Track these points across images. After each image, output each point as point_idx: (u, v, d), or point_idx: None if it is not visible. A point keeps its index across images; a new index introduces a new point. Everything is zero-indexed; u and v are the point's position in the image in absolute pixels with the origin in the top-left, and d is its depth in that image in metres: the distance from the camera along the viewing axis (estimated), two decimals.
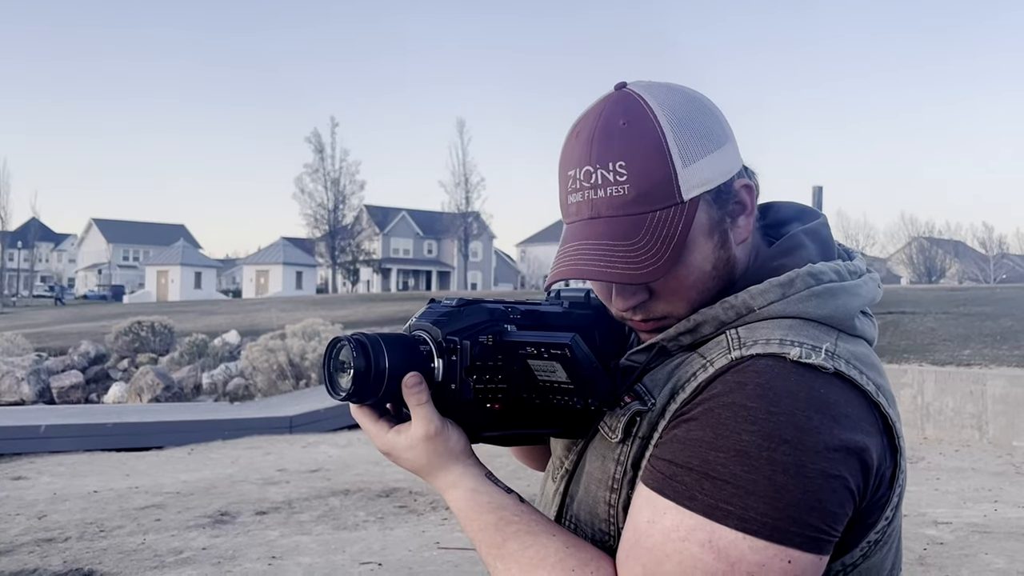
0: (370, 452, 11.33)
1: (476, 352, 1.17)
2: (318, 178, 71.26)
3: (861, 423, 1.06)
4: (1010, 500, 7.85)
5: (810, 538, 1.01)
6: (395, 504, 8.12)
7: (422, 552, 6.39)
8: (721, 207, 1.18)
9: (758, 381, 1.06)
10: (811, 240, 1.24)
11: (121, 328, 22.69)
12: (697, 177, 1.15)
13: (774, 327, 1.13)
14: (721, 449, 1.03)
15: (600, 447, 1.20)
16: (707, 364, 1.13)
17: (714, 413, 1.06)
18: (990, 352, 12.58)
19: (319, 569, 5.99)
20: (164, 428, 13.15)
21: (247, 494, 8.59)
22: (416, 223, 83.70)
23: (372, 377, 1.14)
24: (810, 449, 1.01)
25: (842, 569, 1.11)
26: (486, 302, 1.23)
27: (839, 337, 1.14)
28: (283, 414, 14.28)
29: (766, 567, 1.00)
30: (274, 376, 18.50)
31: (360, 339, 1.15)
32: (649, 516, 1.06)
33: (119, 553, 6.49)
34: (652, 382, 1.18)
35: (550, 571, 1.09)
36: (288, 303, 38.80)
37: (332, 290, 70.79)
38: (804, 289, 1.16)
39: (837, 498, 1.03)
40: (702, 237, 1.17)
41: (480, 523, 1.16)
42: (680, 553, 1.02)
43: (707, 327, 1.18)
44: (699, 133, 1.17)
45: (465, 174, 75.01)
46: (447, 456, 1.18)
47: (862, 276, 1.23)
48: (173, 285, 69.21)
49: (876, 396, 1.09)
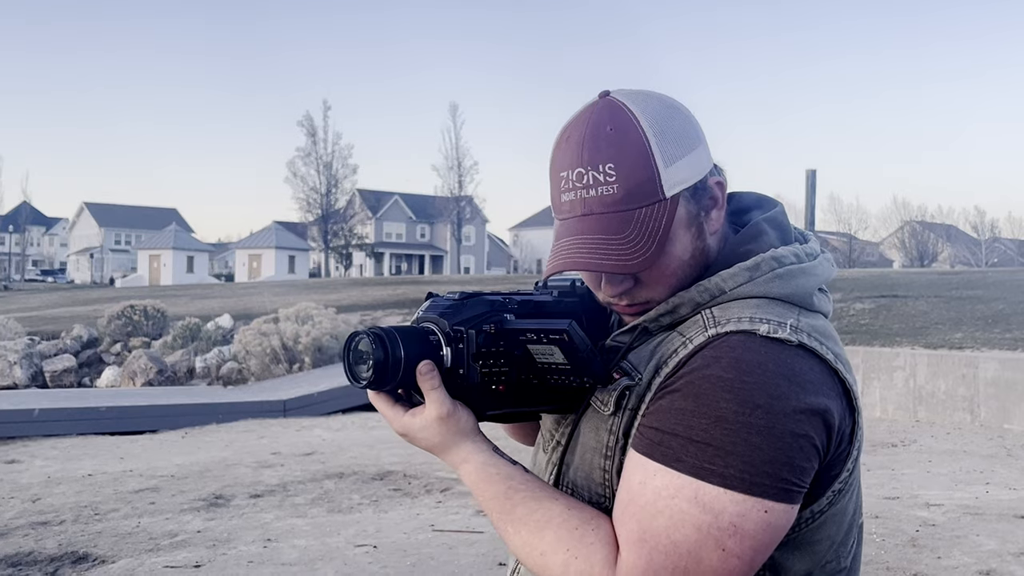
0: (364, 435, 11.35)
1: (481, 340, 1.30)
2: (310, 162, 71.08)
3: (823, 388, 1.21)
4: (1001, 482, 7.89)
5: (782, 490, 1.17)
6: (389, 487, 8.14)
7: (417, 535, 6.41)
8: (697, 202, 1.32)
9: (732, 355, 1.20)
10: (772, 227, 1.38)
11: (114, 312, 22.63)
12: (677, 176, 1.29)
13: (744, 306, 1.27)
14: (702, 416, 1.18)
15: (593, 419, 1.34)
16: (686, 341, 1.27)
17: (695, 384, 1.20)
18: (982, 335, 12.62)
19: (314, 552, 6.01)
20: (158, 412, 13.14)
21: (241, 477, 8.60)
22: (409, 207, 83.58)
23: (390, 366, 1.26)
24: (780, 412, 1.16)
25: (811, 516, 1.26)
26: (485, 294, 1.37)
27: (800, 313, 1.29)
28: (277, 398, 14.29)
29: (746, 516, 1.15)
30: (267, 360, 18.47)
31: (378, 332, 1.27)
32: (641, 478, 1.20)
33: (114, 536, 6.51)
34: (637, 359, 1.32)
35: (556, 530, 1.23)
36: (281, 287, 38.72)
37: (325, 274, 70.72)
38: (768, 272, 1.31)
39: (805, 454, 1.18)
40: (682, 230, 1.31)
41: (491, 492, 1.30)
42: (671, 508, 1.17)
43: (684, 308, 1.32)
44: (677, 136, 1.31)
45: (458, 158, 74.94)
46: (458, 434, 1.31)
47: (817, 257, 1.37)
48: (165, 269, 69.04)
49: (835, 363, 1.25)
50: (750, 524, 1.16)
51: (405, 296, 29.19)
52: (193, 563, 5.79)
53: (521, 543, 1.26)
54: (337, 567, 5.66)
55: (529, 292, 1.46)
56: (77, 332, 22.05)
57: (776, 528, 1.18)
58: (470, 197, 76.45)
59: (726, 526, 1.15)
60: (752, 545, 1.17)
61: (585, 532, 1.22)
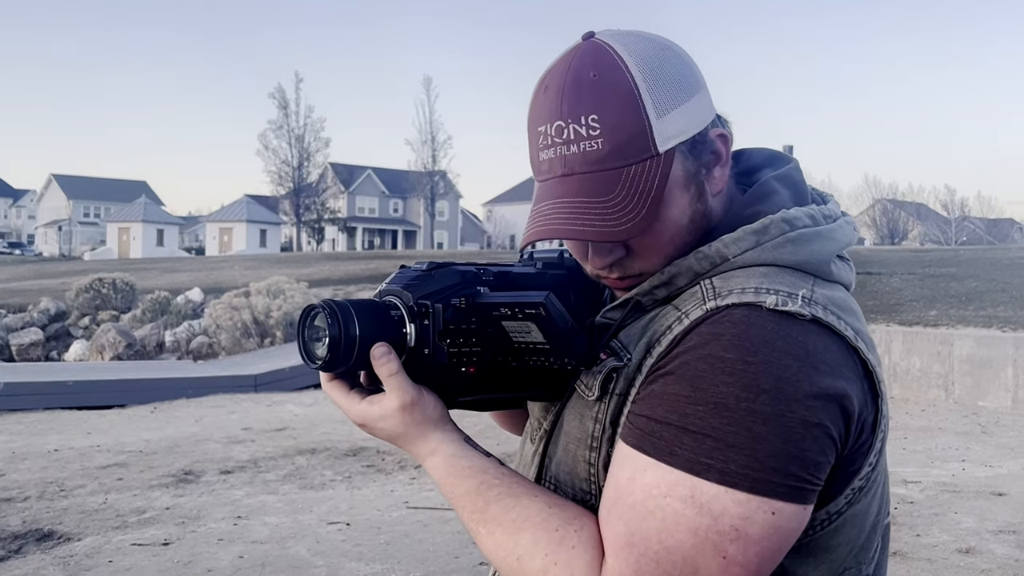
0: (336, 411, 11.11)
1: (448, 315, 1.15)
2: (282, 135, 70.36)
3: (840, 369, 1.04)
4: (977, 459, 7.90)
5: (793, 488, 1.00)
6: (362, 463, 8.03)
7: (391, 512, 6.31)
8: (697, 158, 1.15)
9: (734, 331, 1.04)
10: (783, 186, 1.21)
11: (82, 285, 22.35)
12: (672, 128, 1.12)
13: (749, 275, 1.11)
14: (699, 402, 1.01)
15: (577, 406, 1.18)
16: (682, 316, 1.11)
17: (690, 366, 1.04)
18: (956, 313, 12.65)
19: (286, 529, 5.90)
20: (126, 386, 12.97)
21: (211, 453, 8.47)
22: (382, 181, 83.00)
23: (343, 345, 1.11)
24: (789, 398, 1.00)
25: (827, 517, 1.09)
26: (457, 265, 1.20)
27: (815, 283, 1.12)
28: (248, 372, 14.16)
29: (750, 519, 0.99)
30: (238, 334, 18.30)
31: (331, 305, 1.12)
32: (630, 473, 1.05)
33: (80, 513, 6.37)
34: (627, 338, 1.16)
35: (533, 531, 1.08)
36: (252, 261, 38.45)
37: (297, 248, 70.23)
38: (778, 235, 1.14)
39: (818, 446, 1.01)
40: (678, 190, 1.14)
41: (461, 488, 1.14)
42: (663, 509, 1.01)
43: (681, 279, 1.15)
44: (672, 82, 1.13)
45: (432, 132, 74.47)
46: (424, 424, 1.16)
47: (837, 220, 1.21)
48: (135, 242, 68.32)
49: (855, 341, 1.08)
50: (755, 528, 0.99)
51: (378, 271, 29.01)
52: (161, 540, 5.67)
53: (494, 546, 1.11)
54: (309, 545, 5.55)
55: (509, 264, 1.29)
56: (44, 305, 21.75)
57: (785, 532, 1.02)
58: (444, 172, 76.04)
59: (727, 530, 0.99)
60: (757, 552, 1.00)
61: (566, 534, 1.07)
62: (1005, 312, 12.30)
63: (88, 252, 68.94)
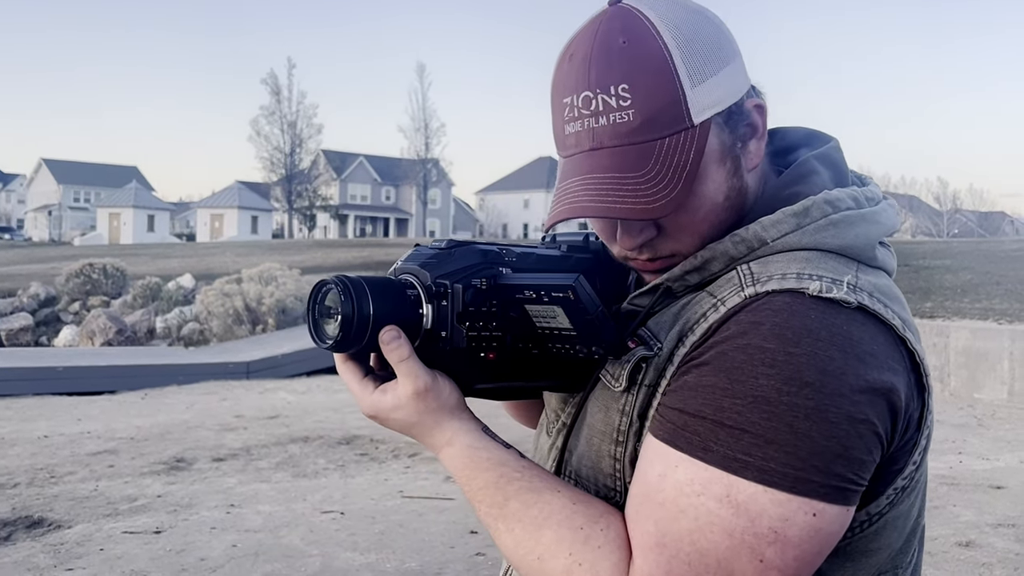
0: (329, 399, 11.16)
1: (469, 297, 1.07)
2: (274, 121, 70.19)
3: (888, 361, 0.98)
4: (974, 452, 7.87)
5: (836, 488, 0.94)
6: (356, 452, 7.97)
7: (385, 501, 6.25)
8: (732, 130, 1.09)
9: (775, 320, 0.97)
10: (824, 166, 1.15)
11: (72, 270, 22.23)
12: (707, 98, 1.05)
13: (789, 260, 1.04)
14: (737, 395, 0.95)
15: (602, 397, 1.11)
16: (718, 303, 1.04)
17: (728, 356, 0.97)
18: (952, 305, 12.62)
19: (279, 518, 5.83)
20: (117, 372, 12.89)
21: (203, 440, 8.40)
22: (374, 169, 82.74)
23: (356, 324, 1.04)
24: (834, 392, 0.93)
25: (867, 519, 1.03)
26: (478, 243, 1.14)
27: (859, 269, 1.05)
28: (240, 359, 14.08)
29: (789, 521, 0.93)
30: (230, 321, 18.20)
31: (344, 281, 1.05)
32: (660, 470, 0.98)
33: (70, 500, 6.29)
34: (657, 326, 1.09)
35: (556, 529, 1.02)
36: (243, 247, 38.32)
37: (288, 235, 70.03)
38: (821, 218, 1.07)
39: (864, 444, 0.95)
40: (714, 164, 1.07)
41: (479, 482, 1.07)
42: (696, 508, 0.95)
43: (716, 264, 1.09)
44: (707, 49, 1.06)
45: (425, 120, 74.26)
46: (440, 412, 1.09)
47: (879, 203, 1.14)
48: (125, 228, 68.02)
49: (903, 331, 1.01)
50: (794, 530, 0.93)
51: (370, 258, 28.93)
52: (153, 528, 5.60)
53: (514, 543, 1.04)
54: (303, 534, 5.49)
55: (531, 245, 1.21)
56: (34, 290, 21.62)
57: (826, 535, 0.95)
58: (436, 160, 75.85)
59: (764, 532, 0.93)
60: (796, 555, 0.94)
61: (592, 533, 1.01)
62: (1001, 304, 12.28)
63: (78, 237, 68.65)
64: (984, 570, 4.91)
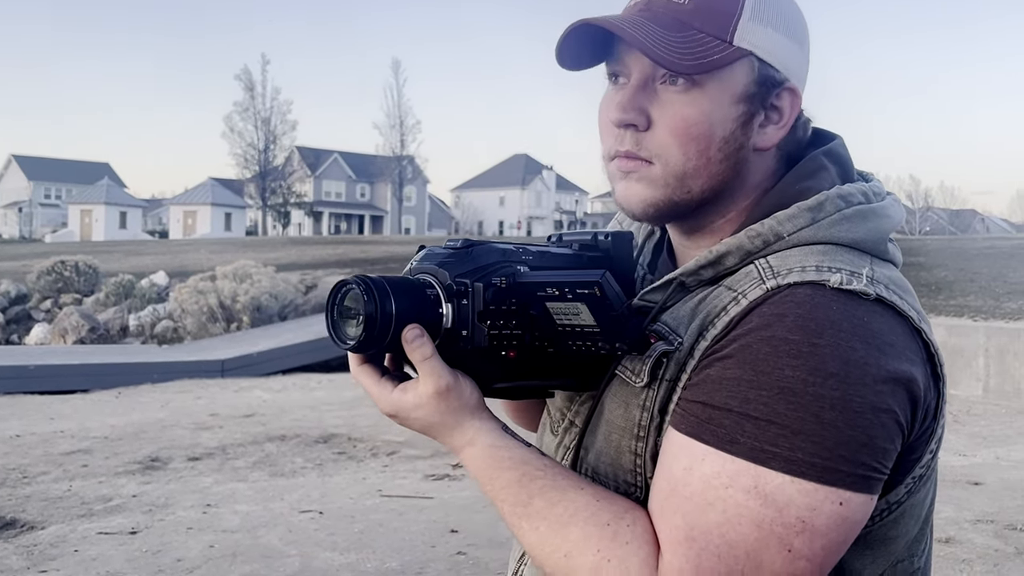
0: (306, 396, 11.09)
1: (489, 295, 1.08)
2: (248, 117, 69.75)
3: (906, 352, 1.01)
4: (951, 449, 7.90)
5: (861, 477, 0.96)
6: (334, 450, 7.91)
7: (364, 500, 6.20)
8: (760, 95, 1.13)
9: (798, 312, 0.99)
10: (832, 162, 1.17)
11: (43, 268, 22.01)
12: (756, 37, 1.11)
13: (807, 253, 1.06)
14: (762, 387, 0.97)
15: (621, 393, 1.12)
16: (738, 297, 1.05)
17: (752, 348, 0.99)
18: (927, 302, 12.69)
19: (256, 517, 5.77)
20: (90, 371, 12.76)
21: (178, 439, 8.32)
22: (349, 166, 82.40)
23: (379, 323, 1.04)
24: (857, 382, 0.96)
25: (887, 507, 1.06)
26: (495, 242, 1.14)
27: (873, 262, 1.08)
28: (215, 357, 13.98)
29: (817, 510, 0.95)
30: (204, 319, 18.07)
31: (366, 281, 1.05)
32: (686, 463, 1.00)
33: (43, 500, 6.21)
34: (675, 320, 1.10)
35: (583, 527, 1.02)
36: (217, 245, 38.08)
37: (262, 232, 69.67)
38: (835, 212, 1.09)
39: (887, 433, 0.98)
40: (729, 96, 1.11)
41: (502, 481, 1.08)
42: (724, 501, 0.96)
43: (731, 258, 1.10)
44: (781, 11, 1.13)
45: (400, 116, 74.08)
46: (461, 412, 1.10)
47: (885, 198, 1.16)
48: (97, 225, 67.41)
49: (918, 322, 1.04)
50: (822, 519, 0.95)
51: (345, 255, 28.81)
52: (129, 529, 5.52)
53: (539, 541, 1.05)
54: (281, 534, 5.43)
55: (543, 244, 1.22)
56: (5, 288, 21.38)
57: (852, 524, 0.97)
58: (412, 157, 75.65)
59: (793, 522, 0.95)
60: (824, 544, 0.96)
61: (619, 529, 1.01)
62: (975, 301, 12.37)
63: (49, 234, 68.06)
64: (964, 566, 4.92)
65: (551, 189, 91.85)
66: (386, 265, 25.08)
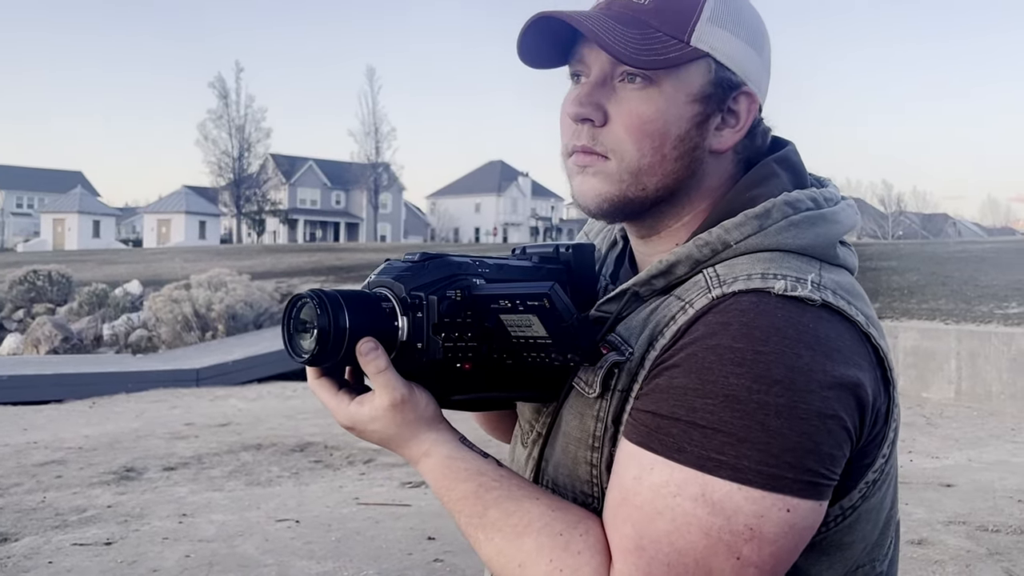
0: (282, 405, 11.05)
1: (444, 308, 1.09)
2: (222, 125, 69.37)
3: (854, 357, 1.01)
4: (923, 451, 7.98)
5: (808, 483, 0.97)
6: (310, 459, 7.89)
7: (340, 508, 6.19)
8: (717, 97, 1.13)
9: (743, 320, 1.00)
10: (783, 168, 1.17)
11: (16, 277, 21.83)
12: (714, 39, 1.12)
13: (754, 261, 1.07)
14: (708, 395, 0.98)
15: (577, 404, 1.13)
16: (686, 306, 1.06)
17: (697, 357, 1.00)
18: (900, 306, 12.80)
19: (232, 527, 5.75)
20: (64, 381, 12.67)
21: (154, 449, 8.27)
22: (324, 173, 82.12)
23: (332, 337, 1.05)
24: (803, 389, 0.96)
25: (841, 513, 1.06)
26: (451, 256, 1.15)
27: (822, 267, 1.09)
28: (190, 366, 13.91)
29: (764, 518, 0.96)
30: (179, 328, 17.97)
31: (320, 295, 1.06)
32: (636, 472, 1.01)
33: (16, 512, 6.15)
34: (627, 331, 1.11)
35: (536, 537, 1.03)
36: (192, 253, 37.87)
37: (237, 240, 69.30)
38: (782, 219, 1.10)
39: (834, 439, 0.98)
40: (684, 95, 1.12)
41: (458, 492, 1.09)
42: (672, 510, 0.97)
43: (681, 267, 1.11)
44: (740, 16, 1.14)
45: (375, 123, 73.91)
46: (417, 424, 1.10)
47: (838, 203, 1.17)
48: (70, 234, 66.88)
49: (867, 327, 1.04)
50: (770, 526, 0.96)
51: (320, 263, 28.69)
52: (104, 540, 5.48)
53: (495, 552, 1.06)
54: (258, 543, 5.41)
55: (503, 256, 1.23)
56: None
57: (801, 530, 0.98)
58: (387, 164, 75.47)
59: (741, 529, 0.96)
60: (773, 551, 0.97)
61: (571, 538, 1.02)
62: (947, 305, 12.48)
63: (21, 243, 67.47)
64: (937, 567, 4.97)
65: (527, 195, 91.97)
66: (361, 272, 24.99)
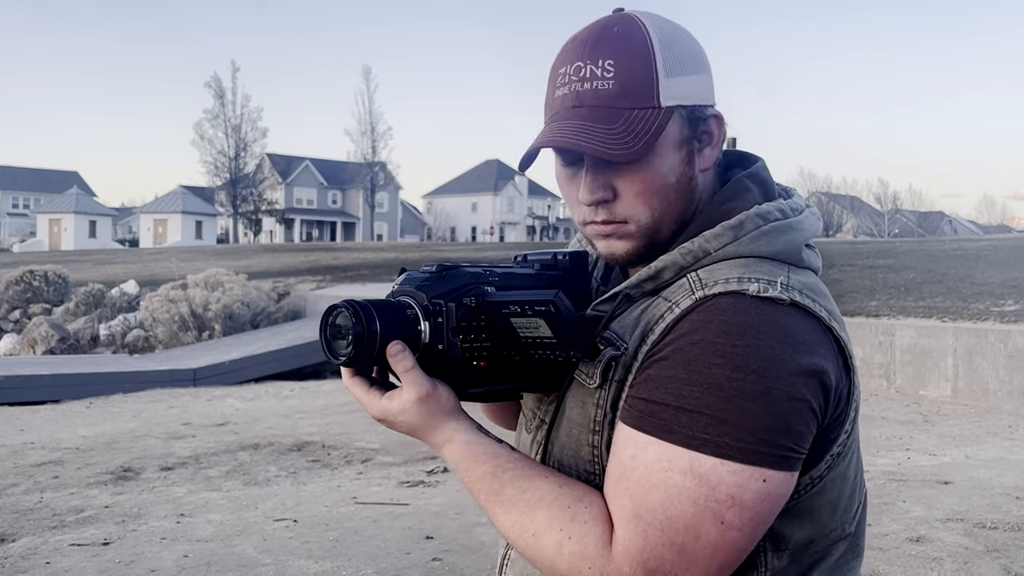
0: (279, 405, 11.04)
1: (461, 314, 1.25)
2: (218, 124, 69.33)
3: (819, 348, 1.17)
4: (921, 448, 7.98)
5: (781, 457, 1.13)
6: (308, 458, 7.89)
7: (338, 508, 6.19)
8: (692, 129, 1.28)
9: (722, 318, 1.16)
10: (754, 183, 1.33)
11: (12, 277, 21.80)
12: (676, 90, 1.25)
13: (731, 267, 1.23)
14: (694, 384, 1.13)
15: (579, 394, 1.29)
16: (673, 306, 1.22)
17: (684, 351, 1.16)
18: (896, 303, 12.81)
19: (230, 527, 5.74)
20: (60, 381, 12.66)
21: (151, 449, 8.26)
22: (320, 172, 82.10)
23: (366, 341, 1.21)
24: (775, 376, 1.12)
25: (810, 482, 1.22)
26: (464, 266, 1.31)
27: (790, 270, 1.24)
28: (186, 366, 13.90)
29: (743, 487, 1.11)
30: (176, 327, 17.95)
31: (354, 305, 1.22)
32: (632, 452, 1.16)
33: (14, 513, 6.15)
34: (621, 328, 1.27)
35: (548, 509, 1.18)
36: (188, 253, 37.82)
37: (233, 240, 69.29)
38: (754, 229, 1.26)
39: (802, 418, 1.14)
40: (671, 148, 1.26)
41: (477, 473, 1.24)
42: (664, 483, 1.13)
43: (668, 272, 1.27)
44: (683, 55, 1.28)
45: (371, 122, 73.93)
46: (440, 414, 1.26)
47: (803, 212, 1.33)
48: (66, 234, 66.80)
49: (829, 321, 1.21)
50: (749, 495, 1.12)
51: (317, 263, 28.66)
52: (101, 540, 5.48)
53: (511, 524, 1.22)
54: (256, 543, 5.40)
55: (508, 265, 1.41)
56: None
57: (776, 497, 1.15)
58: (383, 163, 75.48)
59: (724, 498, 1.12)
60: (752, 516, 1.13)
61: (578, 510, 1.18)
62: (944, 303, 12.47)
63: (17, 244, 67.38)
64: (935, 564, 4.97)
65: (523, 195, 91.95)
66: (358, 272, 24.96)
